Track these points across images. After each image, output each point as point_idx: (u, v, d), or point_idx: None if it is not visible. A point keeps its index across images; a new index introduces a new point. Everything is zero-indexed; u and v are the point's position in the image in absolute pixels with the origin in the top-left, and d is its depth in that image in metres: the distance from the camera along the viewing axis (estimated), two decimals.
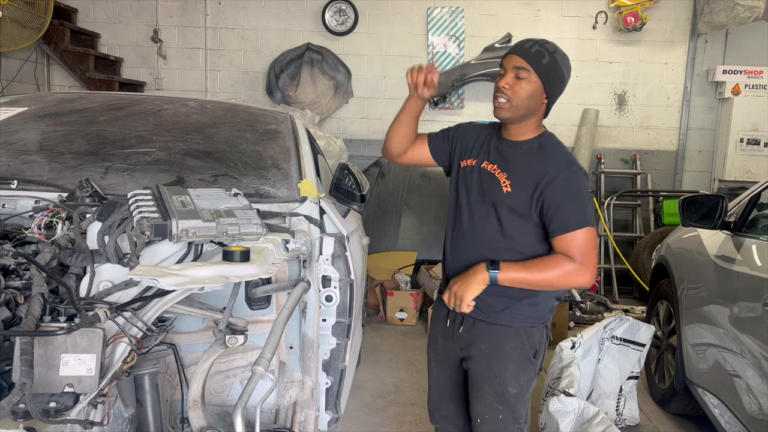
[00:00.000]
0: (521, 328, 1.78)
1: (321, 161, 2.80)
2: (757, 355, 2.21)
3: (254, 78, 6.01)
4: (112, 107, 2.49)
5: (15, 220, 1.70)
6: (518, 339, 1.78)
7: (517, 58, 1.69)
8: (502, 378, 1.78)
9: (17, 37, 4.91)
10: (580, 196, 1.69)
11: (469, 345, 1.82)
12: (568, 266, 1.64)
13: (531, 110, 1.73)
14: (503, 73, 1.72)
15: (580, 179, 1.71)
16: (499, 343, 1.78)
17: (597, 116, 5.85)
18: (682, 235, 3.23)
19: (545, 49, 1.70)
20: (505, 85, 1.70)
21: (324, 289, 1.93)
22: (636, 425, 3.08)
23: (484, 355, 1.79)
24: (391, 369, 3.77)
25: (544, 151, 1.75)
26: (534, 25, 5.83)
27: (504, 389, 1.79)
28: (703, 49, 5.84)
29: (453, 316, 1.86)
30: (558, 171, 1.68)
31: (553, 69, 1.71)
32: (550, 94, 1.74)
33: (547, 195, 1.68)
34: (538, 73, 1.69)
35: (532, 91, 1.70)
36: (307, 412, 1.93)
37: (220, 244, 1.54)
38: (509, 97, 1.70)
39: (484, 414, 1.82)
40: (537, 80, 1.70)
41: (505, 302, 1.75)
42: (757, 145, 5.63)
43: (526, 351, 1.79)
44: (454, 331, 1.86)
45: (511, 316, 1.77)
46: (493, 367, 1.78)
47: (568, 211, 1.66)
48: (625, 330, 3.03)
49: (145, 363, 1.51)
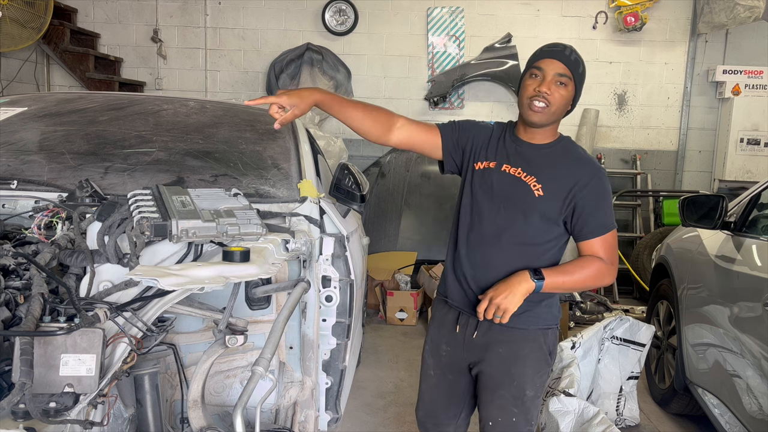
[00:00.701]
0: (539, 331, 1.77)
1: (321, 161, 2.80)
2: (757, 355, 2.21)
3: (254, 78, 6.01)
4: (112, 107, 2.49)
5: (15, 220, 1.70)
6: (536, 342, 1.77)
7: (559, 65, 1.68)
8: (520, 381, 1.76)
9: (17, 37, 4.91)
10: (608, 199, 1.73)
11: (484, 349, 1.78)
12: (601, 267, 1.70)
13: (560, 116, 1.75)
14: (539, 75, 1.68)
15: (607, 183, 1.74)
16: (517, 347, 1.76)
17: (597, 116, 5.85)
18: (682, 235, 3.23)
19: (579, 57, 1.72)
20: (547, 91, 1.67)
21: (324, 289, 1.93)
22: (636, 425, 3.08)
23: (501, 358, 1.76)
24: (391, 369, 3.77)
25: (569, 154, 1.76)
26: (534, 25, 5.83)
27: (522, 392, 1.77)
28: (703, 49, 5.84)
29: (465, 321, 1.80)
30: (591, 176, 1.70)
31: (582, 77, 1.74)
32: (575, 102, 1.77)
33: (580, 199, 1.69)
34: (576, 80, 1.70)
35: (569, 98, 1.71)
36: (307, 412, 1.93)
37: (220, 244, 1.54)
38: (549, 102, 1.68)
39: (497, 417, 1.80)
40: (573, 88, 1.71)
41: (524, 305, 1.70)
42: (757, 145, 5.63)
43: (543, 353, 1.78)
44: (466, 337, 1.80)
45: (530, 319, 1.75)
46: (511, 370, 1.76)
47: (602, 215, 1.70)
48: (625, 330, 3.03)
49: (145, 363, 1.51)
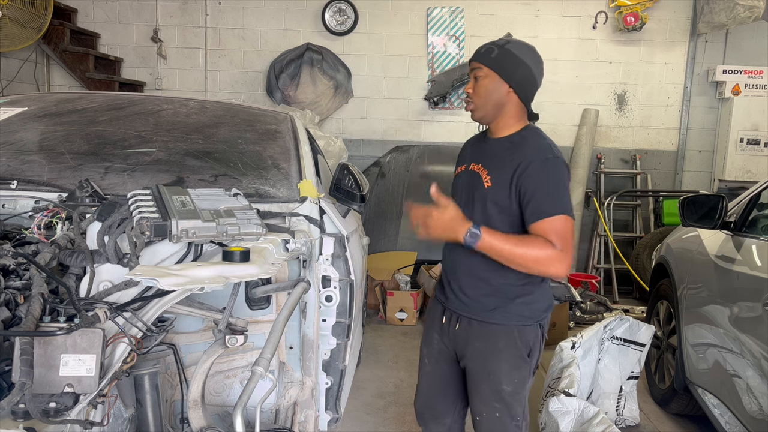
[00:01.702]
0: (513, 327, 1.78)
1: (321, 161, 2.80)
2: (757, 355, 2.21)
3: (254, 78, 6.01)
4: (112, 107, 2.49)
5: (15, 220, 1.70)
6: (510, 338, 1.78)
7: (473, 63, 1.78)
8: (496, 376, 1.80)
9: (17, 37, 4.91)
10: (556, 183, 1.67)
11: (465, 343, 1.85)
12: (548, 250, 1.61)
13: (499, 103, 1.76)
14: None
15: (556, 167, 1.69)
16: (492, 342, 1.79)
17: (597, 116, 5.85)
18: (682, 235, 3.23)
19: (494, 44, 1.76)
20: (468, 90, 1.79)
21: (324, 289, 1.93)
22: (636, 425, 3.08)
23: (478, 352, 1.82)
24: (391, 369, 3.77)
25: (522, 142, 1.77)
26: (534, 25, 5.83)
27: (498, 387, 1.80)
28: (703, 49, 5.84)
29: (449, 314, 1.89)
30: (532, 158, 1.69)
31: (505, 58, 1.73)
32: (512, 83, 1.74)
33: (523, 182, 1.68)
34: (489, 66, 1.73)
35: (490, 87, 1.74)
36: (307, 412, 1.93)
37: (220, 244, 1.54)
38: (473, 100, 1.79)
39: (482, 412, 1.85)
40: (491, 73, 1.74)
41: (496, 301, 1.77)
42: (757, 145, 5.63)
43: (518, 350, 1.79)
44: (450, 329, 1.89)
45: (503, 316, 1.78)
46: (487, 365, 1.81)
47: (544, 198, 1.65)
48: (625, 330, 3.03)
49: (145, 363, 1.51)
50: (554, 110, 5.86)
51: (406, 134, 5.99)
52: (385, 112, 5.97)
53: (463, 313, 1.84)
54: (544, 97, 5.87)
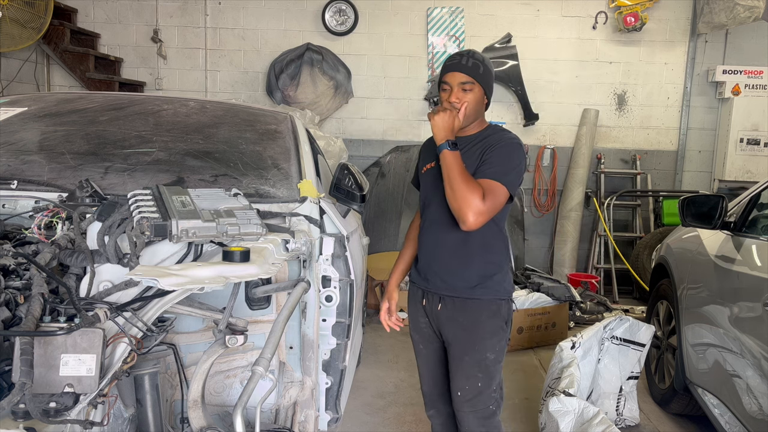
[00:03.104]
0: (492, 301, 1.96)
1: (321, 161, 2.80)
2: (757, 355, 2.21)
3: (254, 78, 6.01)
4: (112, 107, 2.49)
5: (15, 220, 1.70)
6: (491, 309, 1.96)
7: (460, 75, 1.91)
8: (482, 346, 1.95)
9: (17, 37, 4.91)
10: (511, 160, 1.88)
11: (447, 321, 1.98)
12: (478, 199, 1.77)
13: (480, 112, 1.99)
14: (448, 89, 1.94)
15: (517, 150, 1.92)
16: (474, 315, 1.95)
17: (597, 116, 5.85)
18: (682, 235, 3.23)
19: (477, 60, 1.94)
20: (455, 99, 1.92)
21: (324, 289, 1.93)
22: (636, 425, 3.08)
23: (461, 327, 1.96)
24: (391, 369, 3.77)
25: (490, 135, 1.98)
26: (534, 25, 5.83)
27: (483, 356, 1.95)
28: (703, 49, 5.84)
29: (430, 296, 2.03)
30: (500, 140, 1.92)
31: (488, 75, 1.96)
32: (488, 94, 1.99)
33: (486, 154, 1.89)
34: (479, 82, 1.92)
35: (478, 98, 1.94)
36: (307, 412, 1.93)
37: (220, 244, 1.54)
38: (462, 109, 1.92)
39: (464, 385, 1.97)
40: (480, 89, 1.93)
41: (477, 279, 1.94)
42: (757, 145, 5.63)
43: (499, 320, 1.97)
44: (432, 309, 2.02)
45: (483, 290, 1.94)
46: (471, 336, 1.95)
47: (497, 165, 1.85)
48: (625, 330, 3.03)
49: (145, 363, 1.51)
50: (554, 110, 5.86)
51: (406, 134, 5.99)
52: (385, 112, 5.97)
53: (445, 292, 1.98)
54: (544, 97, 5.88)
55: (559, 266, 5.88)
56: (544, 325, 4.34)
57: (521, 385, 3.56)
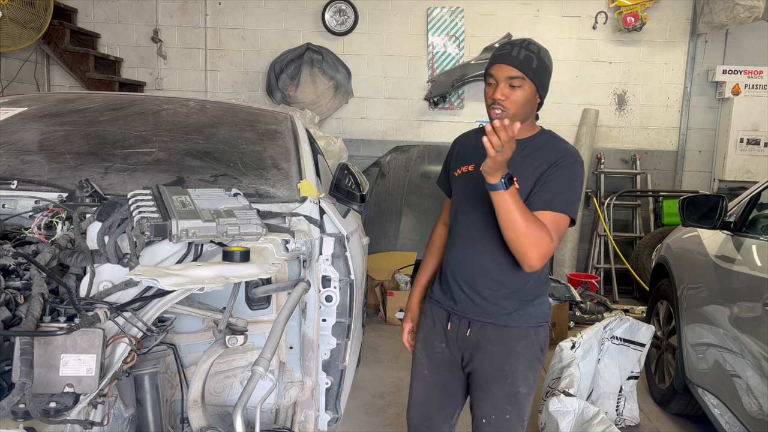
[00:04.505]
0: (530, 329, 1.76)
1: (321, 161, 2.80)
2: (757, 355, 2.21)
3: (254, 78, 6.01)
4: (112, 107, 2.49)
5: (15, 220, 1.70)
6: (528, 339, 1.76)
7: (508, 69, 1.65)
8: (514, 378, 1.75)
9: (17, 37, 4.91)
10: (574, 185, 1.67)
11: (475, 347, 1.78)
12: (546, 238, 1.57)
13: (529, 112, 1.72)
14: (493, 83, 1.68)
15: (580, 171, 1.69)
16: (509, 345, 1.75)
17: (597, 116, 5.85)
18: (682, 235, 3.23)
19: (531, 52, 1.66)
20: (501, 97, 1.65)
21: (324, 290, 1.93)
22: (636, 425, 3.08)
23: (493, 356, 1.75)
24: (391, 369, 3.77)
25: (547, 144, 1.74)
26: (534, 25, 5.83)
27: (515, 390, 1.76)
28: (703, 49, 5.84)
29: (457, 319, 1.80)
30: (563, 158, 1.66)
31: (543, 70, 1.69)
32: (542, 93, 1.73)
33: (546, 176, 1.65)
34: (530, 77, 1.65)
35: (528, 97, 1.67)
36: (307, 412, 1.93)
37: (220, 244, 1.54)
38: (506, 107, 1.65)
39: (491, 414, 1.79)
40: (531, 85, 1.66)
41: (516, 304, 1.74)
42: (757, 145, 5.63)
43: (535, 351, 1.77)
44: (459, 334, 1.80)
45: (521, 318, 1.75)
46: (504, 368, 1.75)
47: (560, 193, 1.63)
48: (625, 330, 3.03)
49: (145, 363, 1.51)
50: (554, 110, 5.86)
51: (406, 134, 5.99)
52: (385, 112, 5.97)
53: (476, 317, 1.76)
54: None
55: (559, 266, 5.88)
56: None
57: None
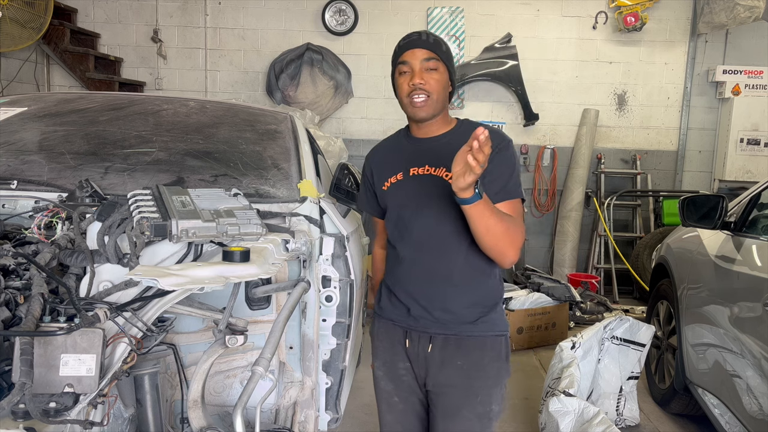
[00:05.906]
0: (495, 338, 1.64)
1: (321, 161, 2.80)
2: (757, 355, 2.21)
3: (254, 78, 6.01)
4: (112, 107, 2.49)
5: (15, 220, 1.70)
6: (495, 350, 1.64)
7: (422, 51, 1.58)
8: (485, 396, 1.64)
9: (17, 37, 4.91)
10: (515, 166, 1.61)
11: (441, 365, 1.64)
12: (517, 227, 1.52)
13: (445, 101, 1.65)
14: (408, 71, 1.60)
15: (514, 151, 1.64)
16: (476, 357, 1.62)
17: (597, 116, 5.85)
18: (682, 235, 3.23)
19: (437, 37, 1.63)
20: (421, 81, 1.57)
21: (324, 290, 1.93)
22: (636, 425, 3.08)
23: (462, 372, 1.62)
24: None
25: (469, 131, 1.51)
26: (534, 25, 5.83)
27: (488, 408, 1.65)
28: (703, 49, 5.85)
29: (416, 336, 1.66)
30: (496, 144, 1.49)
31: (451, 56, 1.65)
32: (453, 79, 1.66)
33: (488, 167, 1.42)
34: (444, 61, 1.61)
35: (444, 81, 1.61)
36: (307, 412, 1.93)
37: (220, 244, 1.54)
38: (428, 91, 1.58)
39: None
40: (444, 69, 1.61)
41: (479, 311, 1.62)
42: (757, 145, 5.64)
43: (502, 361, 1.66)
44: (419, 351, 1.66)
45: (485, 326, 1.63)
46: (473, 384, 1.62)
47: (509, 179, 1.58)
48: (625, 330, 3.03)
49: (145, 363, 1.51)
50: (554, 110, 5.86)
51: None
52: (385, 112, 5.97)
53: (437, 330, 1.63)
54: (544, 97, 5.88)
55: (559, 266, 5.88)
56: (544, 326, 4.35)
57: (521, 386, 3.56)
